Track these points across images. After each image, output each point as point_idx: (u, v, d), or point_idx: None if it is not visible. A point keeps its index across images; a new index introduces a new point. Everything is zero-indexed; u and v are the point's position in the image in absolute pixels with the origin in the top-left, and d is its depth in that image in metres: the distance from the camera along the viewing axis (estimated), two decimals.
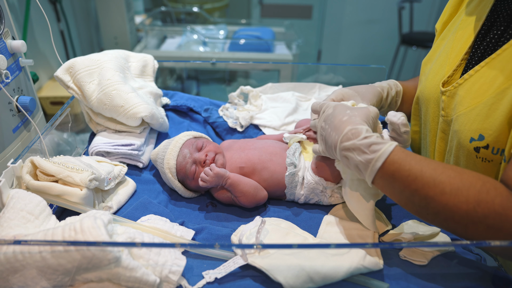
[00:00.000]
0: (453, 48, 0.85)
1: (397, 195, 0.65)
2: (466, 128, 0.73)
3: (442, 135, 0.85)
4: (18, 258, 0.56)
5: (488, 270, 0.68)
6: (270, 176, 0.87)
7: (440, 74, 0.86)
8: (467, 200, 0.58)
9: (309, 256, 0.65)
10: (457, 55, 0.83)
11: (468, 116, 0.73)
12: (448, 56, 0.86)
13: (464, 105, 0.75)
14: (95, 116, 1.05)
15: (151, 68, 1.22)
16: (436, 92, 0.86)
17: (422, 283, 0.66)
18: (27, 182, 0.74)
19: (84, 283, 0.59)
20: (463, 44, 0.83)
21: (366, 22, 3.90)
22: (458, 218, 0.59)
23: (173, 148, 0.90)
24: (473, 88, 0.74)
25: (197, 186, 0.89)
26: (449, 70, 0.83)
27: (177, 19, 2.85)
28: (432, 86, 0.87)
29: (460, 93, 0.77)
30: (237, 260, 0.66)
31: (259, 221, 0.73)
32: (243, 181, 0.85)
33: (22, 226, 0.63)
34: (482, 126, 0.69)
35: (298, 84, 1.34)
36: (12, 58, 0.96)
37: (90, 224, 0.56)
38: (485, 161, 0.71)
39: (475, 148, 0.71)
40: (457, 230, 0.61)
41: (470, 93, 0.74)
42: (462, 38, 0.84)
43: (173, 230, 0.74)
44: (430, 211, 0.62)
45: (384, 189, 0.67)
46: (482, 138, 0.70)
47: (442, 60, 0.87)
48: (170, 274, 0.61)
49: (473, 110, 0.72)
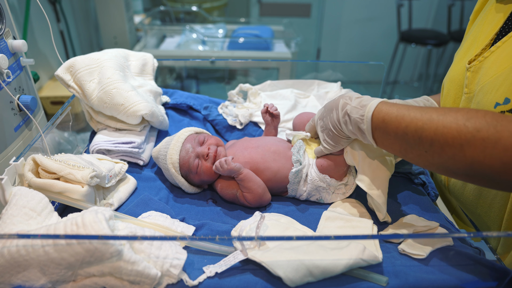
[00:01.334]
0: (482, 32, 0.83)
1: (393, 142, 0.68)
2: (491, 95, 0.71)
3: None
4: (21, 253, 0.57)
5: (486, 263, 0.68)
6: (273, 175, 0.88)
7: (467, 56, 0.84)
8: (456, 119, 0.58)
9: (308, 250, 0.66)
10: (486, 37, 0.80)
11: (494, 83, 0.71)
12: (476, 39, 0.84)
13: (490, 74, 0.73)
14: (96, 114, 1.06)
15: (151, 66, 1.22)
16: (461, 73, 0.84)
17: (421, 277, 0.66)
18: (29, 180, 0.75)
19: (86, 277, 0.60)
20: (492, 27, 0.80)
21: (365, 19, 3.90)
22: (451, 139, 0.58)
23: (175, 144, 0.91)
24: (499, 58, 0.73)
25: (201, 180, 0.90)
26: (476, 51, 0.81)
27: (176, 18, 2.86)
28: (458, 68, 0.86)
29: (485, 65, 0.76)
30: (237, 255, 0.66)
31: (258, 216, 0.74)
32: (254, 179, 0.86)
33: (25, 222, 0.64)
34: (508, 89, 0.67)
35: (297, 81, 1.35)
36: (13, 57, 0.97)
37: (92, 218, 0.57)
38: None
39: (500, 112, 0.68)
40: (456, 158, 0.59)
41: (497, 63, 0.73)
42: (492, 22, 0.82)
43: (173, 226, 0.75)
44: (425, 144, 0.62)
45: (383, 142, 0.71)
46: (508, 101, 0.67)
47: (470, 43, 0.86)
48: (171, 268, 0.62)
49: (499, 76, 0.71)
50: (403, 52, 3.68)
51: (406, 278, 0.66)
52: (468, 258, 0.69)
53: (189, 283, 0.63)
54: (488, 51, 0.76)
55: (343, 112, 0.75)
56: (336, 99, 0.80)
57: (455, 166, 0.61)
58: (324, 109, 0.83)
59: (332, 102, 0.80)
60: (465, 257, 0.69)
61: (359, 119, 0.72)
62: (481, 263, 0.68)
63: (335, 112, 0.78)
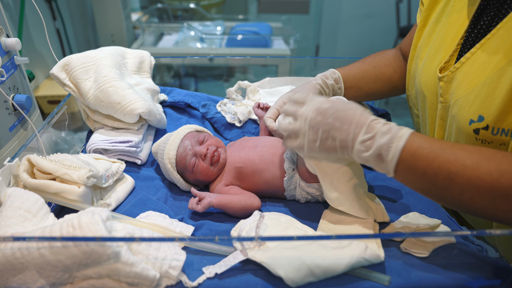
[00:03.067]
0: (447, 33, 0.83)
1: (418, 179, 0.63)
2: (465, 111, 0.72)
3: (441, 122, 0.84)
4: (16, 256, 0.56)
5: (489, 260, 0.67)
6: (271, 178, 0.86)
7: (436, 60, 0.85)
8: (489, 172, 0.57)
9: (309, 250, 0.65)
10: (453, 40, 0.81)
11: (467, 99, 0.72)
12: (443, 41, 0.84)
13: (462, 88, 0.74)
14: (92, 113, 1.04)
15: (148, 64, 1.21)
16: (433, 79, 0.85)
17: (423, 275, 0.65)
18: (25, 181, 0.73)
19: (83, 279, 0.59)
20: (458, 29, 0.81)
21: (364, 16, 3.88)
22: (483, 192, 0.57)
23: (174, 139, 0.90)
24: (470, 70, 0.73)
25: (196, 179, 0.89)
26: (445, 56, 0.82)
27: (174, 15, 2.84)
28: (429, 72, 0.86)
29: (457, 77, 0.76)
30: (237, 255, 0.65)
31: (258, 215, 0.73)
32: (229, 205, 0.82)
33: (20, 224, 0.62)
34: (481, 106, 0.68)
35: (296, 78, 1.34)
36: (7, 56, 0.95)
37: (88, 219, 0.56)
38: (485, 143, 0.70)
39: (475, 130, 0.70)
40: (487, 210, 0.59)
41: (468, 76, 0.73)
42: (457, 23, 0.82)
43: (172, 226, 0.74)
44: (455, 190, 0.60)
45: (404, 176, 0.64)
46: (481, 119, 0.69)
47: (437, 46, 0.86)
48: (170, 269, 0.61)
49: (471, 92, 0.71)
50: None
51: (408, 277, 0.65)
52: (471, 256, 0.68)
53: (188, 284, 0.62)
54: (459, 62, 0.76)
55: (369, 134, 0.64)
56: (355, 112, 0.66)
57: (482, 214, 0.61)
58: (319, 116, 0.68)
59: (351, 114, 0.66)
60: (468, 255, 0.68)
61: (386, 146, 0.62)
62: (484, 261, 0.67)
63: (353, 128, 0.65)
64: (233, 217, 0.83)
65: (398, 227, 0.76)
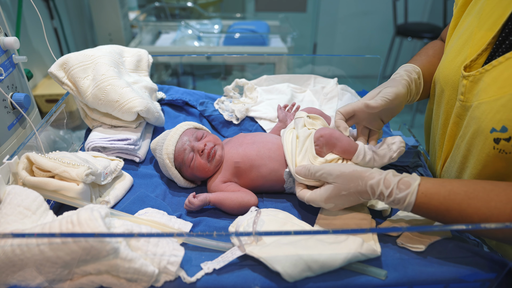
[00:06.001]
0: (478, 27, 0.77)
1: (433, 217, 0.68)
2: (489, 118, 0.70)
3: (457, 119, 0.82)
4: (16, 252, 0.56)
5: (484, 255, 0.68)
6: (269, 173, 0.87)
7: (462, 55, 0.80)
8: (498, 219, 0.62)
9: (306, 245, 0.65)
10: (483, 37, 0.76)
11: (492, 105, 0.69)
12: (473, 36, 0.78)
13: (489, 93, 0.70)
14: (91, 111, 1.05)
15: (146, 62, 1.21)
16: (455, 75, 0.80)
17: (420, 270, 0.66)
18: (24, 178, 0.74)
19: (82, 276, 0.59)
20: (491, 25, 0.75)
21: (361, 14, 3.88)
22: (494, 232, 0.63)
23: (173, 135, 0.91)
24: (501, 76, 0.69)
25: (193, 175, 0.89)
26: (472, 53, 0.77)
27: (171, 14, 2.83)
28: (452, 67, 0.82)
29: (485, 79, 0.72)
30: (235, 251, 0.66)
31: (254, 212, 0.74)
32: (225, 202, 0.83)
33: (19, 221, 0.63)
34: (506, 118, 0.66)
35: (293, 76, 1.34)
36: (5, 55, 0.96)
37: (87, 216, 0.56)
38: (502, 153, 0.69)
39: (495, 139, 0.69)
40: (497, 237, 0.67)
41: (498, 82, 0.70)
42: (491, 16, 0.76)
43: (170, 223, 0.74)
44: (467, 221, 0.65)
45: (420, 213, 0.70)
46: (505, 130, 0.67)
47: (465, 40, 0.80)
48: (168, 265, 0.61)
49: (499, 100, 0.68)
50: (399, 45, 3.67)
51: (405, 271, 0.66)
52: (466, 250, 0.69)
53: (187, 280, 0.62)
54: (490, 64, 0.72)
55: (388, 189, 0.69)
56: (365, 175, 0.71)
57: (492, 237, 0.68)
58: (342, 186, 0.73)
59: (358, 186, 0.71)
60: (463, 249, 0.69)
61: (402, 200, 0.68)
62: (479, 255, 0.68)
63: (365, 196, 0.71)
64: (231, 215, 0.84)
65: (395, 222, 0.77)
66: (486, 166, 0.73)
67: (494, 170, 0.72)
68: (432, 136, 0.98)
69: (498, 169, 0.72)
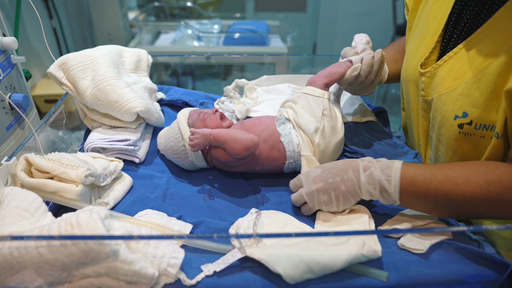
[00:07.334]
0: (427, 30, 0.89)
1: (422, 202, 0.71)
2: (451, 107, 0.79)
3: (424, 113, 0.92)
4: (14, 255, 0.56)
5: (486, 256, 0.68)
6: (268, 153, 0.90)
7: (418, 55, 0.91)
8: (479, 185, 0.65)
9: (307, 247, 0.65)
10: (432, 37, 0.87)
11: (451, 95, 0.78)
12: (424, 37, 0.90)
13: (446, 85, 0.80)
14: (90, 112, 1.04)
15: (145, 62, 1.21)
16: (415, 73, 0.91)
17: (421, 271, 0.66)
18: (22, 180, 0.73)
19: (82, 278, 0.59)
20: (436, 26, 0.87)
21: (361, 13, 3.88)
22: (478, 202, 0.66)
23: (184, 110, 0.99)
24: (453, 69, 0.79)
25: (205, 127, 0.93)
26: (425, 52, 0.88)
27: (171, 14, 2.83)
28: (411, 67, 0.93)
29: (440, 73, 0.82)
30: (235, 253, 0.66)
31: (254, 213, 0.73)
32: (223, 131, 0.86)
33: (18, 223, 0.62)
34: (465, 104, 0.76)
35: (294, 76, 1.34)
36: (3, 55, 0.95)
37: (86, 218, 0.56)
38: (468, 135, 0.78)
39: (459, 124, 0.78)
40: (485, 214, 0.68)
41: (451, 74, 0.79)
42: (436, 19, 0.87)
43: (170, 225, 0.74)
44: (454, 205, 0.68)
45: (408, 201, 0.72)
46: (466, 115, 0.76)
47: (419, 42, 0.92)
48: (168, 267, 0.61)
49: (456, 89, 0.78)
50: None
51: (406, 273, 0.65)
52: (467, 251, 0.68)
53: (187, 282, 0.62)
54: (442, 59, 0.82)
55: (367, 173, 0.73)
56: (345, 162, 0.77)
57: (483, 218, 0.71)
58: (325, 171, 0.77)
59: (342, 165, 0.77)
60: (464, 250, 0.69)
61: (386, 180, 0.72)
62: (481, 256, 0.68)
63: (351, 173, 0.75)
64: (232, 215, 0.83)
65: (395, 223, 0.76)
66: (455, 151, 0.82)
67: (462, 154, 0.81)
68: (410, 135, 1.06)
69: (466, 153, 0.81)
